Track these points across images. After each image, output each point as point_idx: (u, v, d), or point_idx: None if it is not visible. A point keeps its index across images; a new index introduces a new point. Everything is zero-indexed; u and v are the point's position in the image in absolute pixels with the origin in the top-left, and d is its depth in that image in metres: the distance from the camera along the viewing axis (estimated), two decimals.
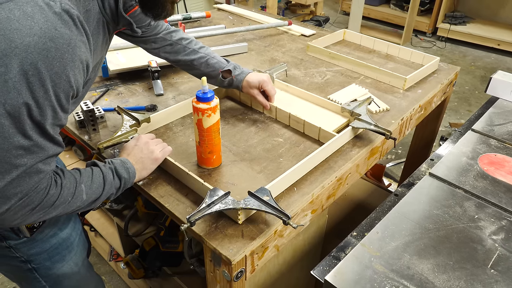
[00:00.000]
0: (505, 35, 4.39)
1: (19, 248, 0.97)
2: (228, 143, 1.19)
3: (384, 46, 1.84)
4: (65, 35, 0.69)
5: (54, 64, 0.68)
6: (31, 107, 0.69)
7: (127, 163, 0.96)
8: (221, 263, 0.88)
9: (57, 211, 0.81)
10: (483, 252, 0.90)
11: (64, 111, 0.76)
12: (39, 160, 0.74)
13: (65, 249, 1.07)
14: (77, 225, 1.13)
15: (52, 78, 0.69)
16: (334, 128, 1.23)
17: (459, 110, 3.40)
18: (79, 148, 1.95)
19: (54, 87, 0.70)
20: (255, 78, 1.28)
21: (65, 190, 0.81)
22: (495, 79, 1.53)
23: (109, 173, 0.91)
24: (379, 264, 0.87)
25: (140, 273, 1.62)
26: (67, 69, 0.71)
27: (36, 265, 1.03)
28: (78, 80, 0.75)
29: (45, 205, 0.77)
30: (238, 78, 1.28)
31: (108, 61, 1.52)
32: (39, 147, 0.73)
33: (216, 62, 1.27)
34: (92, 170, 0.89)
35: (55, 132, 0.76)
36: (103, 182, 0.89)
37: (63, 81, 0.71)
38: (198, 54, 1.26)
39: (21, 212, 0.75)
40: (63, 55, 0.69)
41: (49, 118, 0.72)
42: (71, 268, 1.10)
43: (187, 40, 1.27)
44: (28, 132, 0.70)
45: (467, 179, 1.12)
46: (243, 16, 2.28)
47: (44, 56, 0.67)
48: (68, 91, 0.73)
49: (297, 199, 0.99)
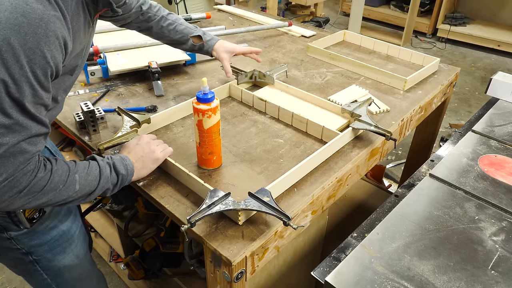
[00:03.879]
0: (505, 36, 4.39)
1: (20, 239, 0.98)
2: (229, 144, 1.19)
3: (384, 47, 1.84)
4: (37, 10, 0.69)
5: (27, 39, 0.68)
6: (8, 84, 0.68)
7: (126, 160, 0.96)
8: (221, 264, 0.88)
9: (47, 197, 0.80)
10: (483, 253, 0.90)
11: (45, 90, 0.75)
12: (22, 139, 0.73)
13: (65, 241, 1.08)
14: (78, 218, 1.14)
15: (26, 53, 0.68)
16: (335, 129, 1.23)
17: (459, 111, 3.40)
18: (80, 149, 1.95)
19: (29, 62, 0.69)
20: (229, 44, 1.40)
21: (56, 177, 0.81)
22: (495, 80, 1.53)
23: (106, 168, 0.91)
24: (379, 265, 0.87)
25: (140, 274, 1.62)
26: (41, 44, 0.70)
27: (37, 257, 1.03)
28: (55, 56, 0.74)
29: (33, 189, 0.77)
30: (208, 43, 1.37)
31: (108, 62, 1.52)
32: (21, 125, 0.72)
33: (185, 28, 1.35)
34: (89, 163, 0.89)
35: (37, 111, 0.75)
36: (99, 175, 0.89)
37: (38, 57, 0.70)
38: (167, 20, 1.32)
39: (8, 194, 0.74)
40: (36, 30, 0.68)
41: (28, 95, 0.71)
42: (72, 261, 1.11)
43: (156, 7, 1.31)
44: (8, 110, 0.69)
45: (467, 180, 1.12)
46: (243, 17, 2.28)
47: (16, 32, 0.66)
48: (45, 67, 0.72)
49: (297, 200, 0.99)
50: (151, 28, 1.31)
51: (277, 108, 1.30)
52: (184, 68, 1.65)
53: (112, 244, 1.90)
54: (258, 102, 1.36)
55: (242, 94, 1.41)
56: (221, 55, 1.37)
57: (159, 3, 1.35)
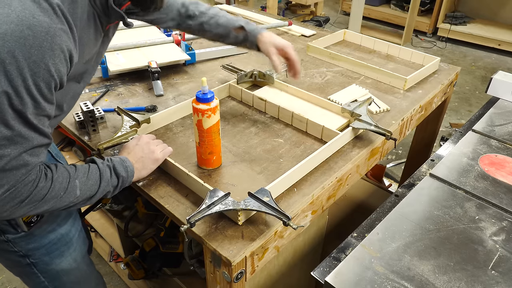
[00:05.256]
0: (506, 35, 4.38)
1: (17, 242, 0.98)
2: (228, 144, 1.19)
3: (384, 46, 1.84)
4: (44, 23, 0.68)
5: (32, 53, 0.67)
6: (10, 96, 0.67)
7: (126, 162, 0.96)
8: (221, 264, 0.88)
9: (48, 205, 0.80)
10: (484, 253, 0.90)
11: (48, 102, 0.75)
12: (24, 150, 0.73)
13: (64, 245, 1.07)
14: (77, 221, 1.13)
15: (30, 66, 0.68)
16: (335, 128, 1.23)
17: (459, 111, 3.40)
18: (79, 148, 1.95)
19: (33, 76, 0.69)
20: (278, 38, 1.27)
21: (57, 184, 0.80)
22: (496, 79, 1.53)
23: (106, 171, 0.91)
24: (379, 265, 0.86)
25: (140, 274, 1.62)
26: (46, 58, 0.69)
27: (35, 260, 1.03)
28: (59, 69, 0.73)
29: (34, 198, 0.77)
30: (252, 33, 1.28)
31: (108, 61, 1.51)
32: (23, 137, 0.72)
33: (227, 20, 1.29)
34: (89, 167, 0.89)
35: (40, 123, 0.75)
36: (100, 179, 0.89)
37: (42, 70, 0.70)
38: (207, 15, 1.27)
39: (10, 204, 0.74)
40: (41, 44, 0.68)
41: (30, 107, 0.71)
42: (70, 264, 1.11)
43: (194, 4, 1.28)
44: (10, 121, 0.69)
45: (467, 180, 1.12)
46: (243, 17, 2.28)
47: (22, 44, 0.66)
48: (48, 81, 0.72)
49: (297, 200, 0.99)
50: (191, 26, 1.28)
51: (277, 108, 1.30)
52: (184, 68, 1.65)
53: (112, 244, 1.90)
54: (258, 102, 1.36)
55: (242, 93, 1.40)
56: (269, 50, 1.25)
57: None
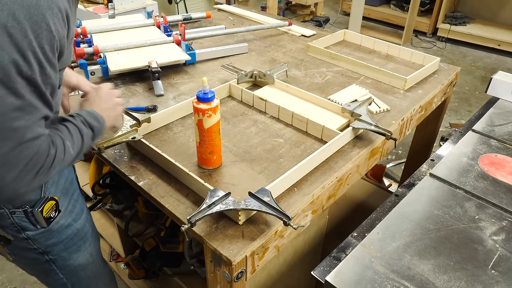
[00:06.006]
0: (506, 36, 4.39)
1: (37, 239, 0.98)
2: (229, 144, 1.19)
3: (384, 46, 1.84)
4: None
5: (32, 12, 0.66)
6: (18, 63, 0.67)
7: (94, 113, 0.94)
8: (221, 263, 0.88)
9: (55, 170, 0.80)
10: (483, 253, 0.90)
11: (53, 67, 0.74)
12: (35, 120, 0.73)
13: (80, 239, 1.08)
14: (89, 216, 1.15)
15: (32, 27, 0.67)
16: (335, 128, 1.23)
17: (459, 111, 3.40)
18: None
19: (36, 37, 0.68)
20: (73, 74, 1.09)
21: (59, 149, 0.81)
22: (496, 79, 1.53)
23: (82, 126, 0.89)
24: (379, 265, 0.86)
25: (140, 274, 1.62)
26: (46, 17, 0.69)
27: (53, 256, 1.04)
28: (59, 30, 0.73)
29: (46, 166, 0.77)
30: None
31: (108, 61, 1.51)
32: (33, 106, 0.72)
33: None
34: (67, 126, 0.87)
35: (47, 91, 0.74)
36: (81, 135, 0.88)
37: (44, 30, 0.69)
38: None
39: (28, 177, 0.74)
40: (38, 2, 0.67)
41: (37, 73, 0.70)
42: (86, 259, 1.12)
43: None
44: (20, 90, 0.69)
45: (467, 180, 1.12)
46: (243, 17, 2.28)
47: (20, 5, 0.65)
48: (51, 41, 0.71)
49: (297, 200, 0.99)
50: None
51: (277, 108, 1.30)
52: (184, 68, 1.65)
53: (112, 243, 1.90)
54: (258, 102, 1.36)
55: (242, 93, 1.41)
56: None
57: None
